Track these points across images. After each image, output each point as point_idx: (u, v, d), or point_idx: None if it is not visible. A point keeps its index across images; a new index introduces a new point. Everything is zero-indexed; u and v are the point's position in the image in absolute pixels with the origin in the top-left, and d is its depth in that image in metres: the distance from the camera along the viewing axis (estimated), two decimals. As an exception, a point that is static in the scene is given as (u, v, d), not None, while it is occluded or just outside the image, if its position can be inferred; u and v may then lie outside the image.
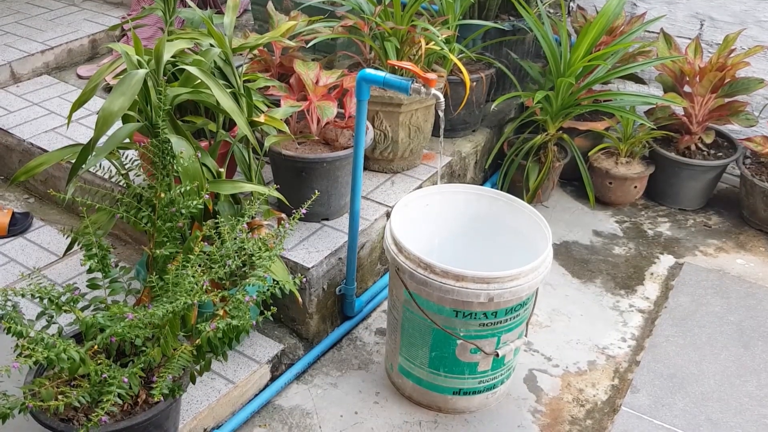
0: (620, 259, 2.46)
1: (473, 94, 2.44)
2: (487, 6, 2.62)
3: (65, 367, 1.29)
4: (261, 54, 2.19)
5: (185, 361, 1.40)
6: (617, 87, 2.92)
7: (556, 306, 2.24)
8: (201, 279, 1.40)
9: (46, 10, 3.31)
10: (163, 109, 1.50)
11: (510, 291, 1.63)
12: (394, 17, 2.19)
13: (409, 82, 1.67)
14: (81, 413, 1.40)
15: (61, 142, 2.43)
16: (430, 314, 1.71)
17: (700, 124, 2.61)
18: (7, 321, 1.32)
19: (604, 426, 1.83)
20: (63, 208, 2.44)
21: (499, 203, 1.90)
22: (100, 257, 1.49)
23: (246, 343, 1.92)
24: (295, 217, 1.53)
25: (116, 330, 1.34)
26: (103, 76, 1.70)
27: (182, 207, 1.49)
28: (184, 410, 1.69)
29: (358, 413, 1.85)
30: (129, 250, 2.28)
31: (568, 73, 2.39)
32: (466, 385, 1.81)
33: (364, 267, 2.14)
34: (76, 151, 1.65)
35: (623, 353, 2.07)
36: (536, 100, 2.40)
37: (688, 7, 2.80)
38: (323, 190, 1.97)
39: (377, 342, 2.08)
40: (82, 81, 2.88)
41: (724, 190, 2.86)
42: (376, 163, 2.33)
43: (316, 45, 2.28)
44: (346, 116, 2.05)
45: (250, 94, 1.85)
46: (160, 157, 1.50)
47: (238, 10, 1.96)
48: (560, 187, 2.83)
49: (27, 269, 2.09)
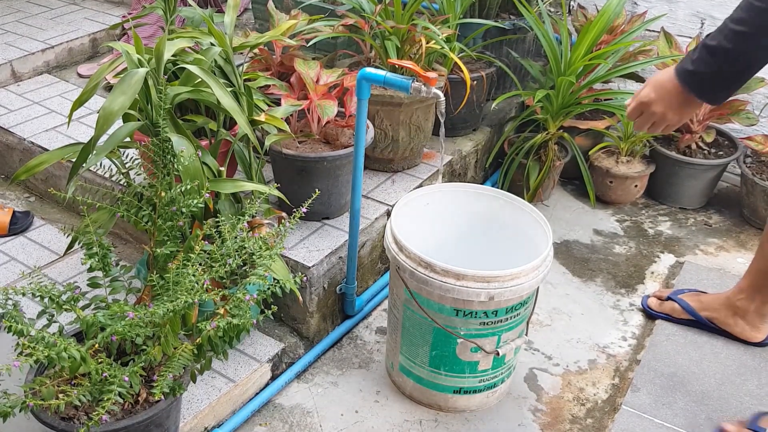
0: (621, 258, 2.46)
1: (474, 92, 2.44)
2: (488, 5, 2.62)
3: (66, 365, 1.29)
4: (261, 53, 2.19)
5: (186, 359, 1.40)
6: (618, 86, 2.92)
7: (556, 305, 2.24)
8: (201, 278, 1.40)
9: (47, 8, 3.31)
10: (164, 108, 1.50)
11: (510, 290, 1.63)
12: (394, 16, 2.19)
13: (409, 81, 1.67)
14: (82, 412, 1.40)
15: (61, 141, 2.43)
16: (431, 313, 1.71)
17: (701, 123, 2.61)
18: (8, 320, 1.32)
19: (604, 425, 1.83)
20: (63, 207, 2.44)
21: (499, 202, 1.90)
22: (100, 256, 1.49)
23: (246, 341, 1.92)
24: (296, 215, 1.53)
25: (117, 329, 1.34)
26: (103, 74, 1.70)
27: (183, 206, 1.49)
28: (185, 409, 1.69)
29: (358, 412, 1.85)
30: (129, 248, 2.28)
31: (568, 72, 2.39)
32: (466, 384, 1.81)
33: (364, 266, 2.14)
34: (76, 150, 1.65)
35: (624, 352, 2.07)
36: (537, 99, 2.40)
37: (689, 6, 2.79)
38: (324, 188, 1.97)
39: (378, 341, 2.08)
40: (82, 80, 2.88)
41: (725, 189, 2.86)
42: (377, 162, 2.33)
43: (316, 44, 2.28)
44: (347, 115, 2.05)
45: (251, 92, 1.85)
46: (160, 156, 1.50)
47: (238, 8, 1.97)
48: (561, 186, 2.83)
49: (28, 268, 2.10)
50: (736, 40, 1.35)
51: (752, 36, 1.34)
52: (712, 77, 1.42)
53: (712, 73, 1.41)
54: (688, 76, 1.44)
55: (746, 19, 1.34)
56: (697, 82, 1.43)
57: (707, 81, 1.43)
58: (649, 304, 2.17)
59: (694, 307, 2.06)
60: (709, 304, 2.04)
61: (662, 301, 2.14)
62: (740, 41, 1.35)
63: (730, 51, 1.36)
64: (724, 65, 1.39)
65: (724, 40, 1.36)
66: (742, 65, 1.39)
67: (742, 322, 1.99)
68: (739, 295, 1.98)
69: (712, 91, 1.44)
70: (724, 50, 1.37)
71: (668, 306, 2.12)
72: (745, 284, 1.96)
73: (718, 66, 1.39)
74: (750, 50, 1.37)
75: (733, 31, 1.35)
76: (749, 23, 1.33)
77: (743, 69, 1.40)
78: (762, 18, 1.32)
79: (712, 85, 1.43)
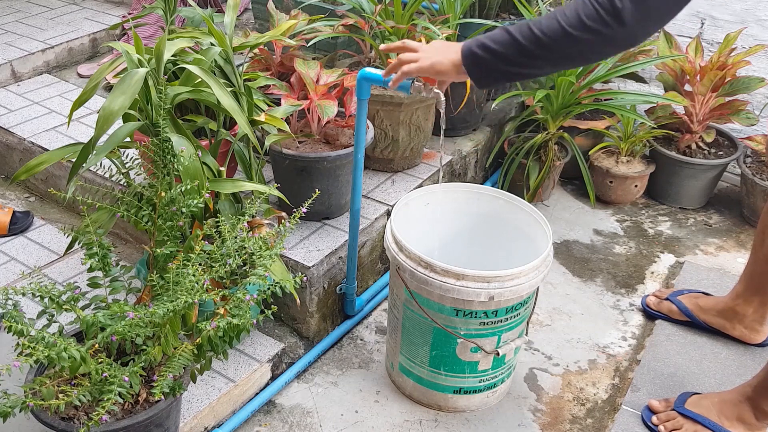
0: (621, 258, 2.46)
1: (474, 92, 2.44)
2: (488, 5, 2.62)
3: (66, 365, 1.29)
4: (261, 53, 2.19)
5: (186, 359, 1.40)
6: (618, 86, 2.92)
7: (556, 305, 2.24)
8: (201, 278, 1.40)
9: (47, 8, 3.31)
10: (164, 108, 1.50)
11: (511, 290, 1.63)
12: (394, 16, 2.19)
13: (409, 81, 1.67)
14: (82, 412, 1.40)
15: (61, 141, 2.43)
16: (431, 313, 1.71)
17: (701, 122, 2.61)
18: (8, 320, 1.32)
19: (604, 425, 1.83)
20: (64, 207, 2.44)
21: (499, 202, 1.90)
22: (100, 256, 1.49)
23: (246, 342, 1.92)
24: (296, 215, 1.53)
25: (117, 329, 1.34)
26: (103, 74, 1.70)
27: (183, 206, 1.49)
28: (185, 409, 1.69)
29: (358, 412, 1.85)
30: (130, 248, 2.28)
31: (568, 72, 2.39)
32: (466, 383, 1.81)
33: (364, 266, 2.14)
34: (76, 150, 1.65)
35: (624, 352, 2.07)
36: (537, 99, 2.40)
37: (689, 6, 2.76)
38: (324, 188, 1.97)
39: (378, 341, 2.08)
40: (82, 80, 2.88)
41: (725, 189, 2.86)
42: (377, 162, 2.33)
43: (316, 44, 2.28)
44: (347, 115, 2.05)
45: (251, 92, 1.85)
46: (160, 156, 1.50)
47: (238, 8, 1.96)
48: (561, 186, 2.83)
49: (28, 268, 2.10)
50: (529, 42, 1.34)
51: (542, 50, 1.34)
52: (492, 54, 1.39)
53: (493, 51, 1.38)
54: (475, 41, 1.41)
55: (552, 37, 1.32)
56: (475, 56, 1.41)
57: (486, 57, 1.40)
58: (647, 302, 2.17)
59: (692, 311, 2.05)
60: (707, 308, 2.03)
61: (661, 301, 2.14)
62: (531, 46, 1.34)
63: (525, 50, 1.35)
64: (511, 57, 1.36)
65: (519, 34, 1.34)
66: (525, 68, 1.39)
67: (740, 326, 1.98)
68: (736, 300, 1.97)
69: (485, 67, 1.42)
70: (520, 46, 1.35)
71: (666, 306, 2.12)
72: (741, 288, 1.96)
73: (503, 49, 1.37)
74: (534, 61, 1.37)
75: (530, 32, 1.33)
76: (552, 42, 1.32)
77: (525, 72, 1.41)
78: (565, 42, 1.32)
79: (488, 69, 1.41)
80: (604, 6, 1.25)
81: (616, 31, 1.26)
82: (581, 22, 1.27)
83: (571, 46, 1.32)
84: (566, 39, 1.30)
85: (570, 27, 1.29)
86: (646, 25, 1.28)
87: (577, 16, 1.28)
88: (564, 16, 1.30)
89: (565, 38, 1.30)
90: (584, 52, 1.34)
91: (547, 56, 1.35)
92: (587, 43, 1.30)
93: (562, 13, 1.30)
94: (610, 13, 1.25)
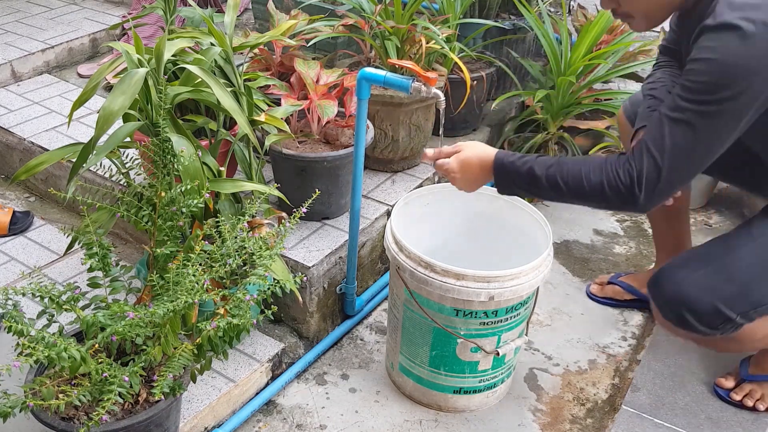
0: (621, 258, 2.46)
1: (474, 92, 2.44)
2: (488, 5, 2.63)
3: (66, 365, 1.29)
4: (261, 53, 2.19)
5: (186, 359, 1.40)
6: (618, 86, 2.92)
7: (556, 305, 2.24)
8: (202, 278, 1.40)
9: (47, 8, 3.31)
10: (164, 108, 1.50)
11: (511, 290, 1.63)
12: (394, 16, 2.19)
13: (409, 80, 1.67)
14: (82, 412, 1.40)
15: (61, 141, 2.43)
16: (431, 313, 1.71)
17: (701, 122, 2.61)
18: (8, 320, 1.32)
19: (604, 425, 1.83)
20: (64, 207, 2.44)
21: (499, 202, 1.90)
22: (100, 256, 1.49)
23: (246, 342, 1.92)
24: (296, 215, 1.53)
25: (117, 329, 1.34)
26: (103, 74, 1.70)
27: (183, 206, 1.49)
28: (185, 409, 1.69)
29: (358, 412, 1.85)
30: (130, 248, 2.28)
31: (568, 72, 2.39)
32: (466, 383, 1.81)
33: (364, 266, 2.14)
34: (76, 150, 1.65)
35: (624, 352, 2.07)
36: (537, 99, 2.40)
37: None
38: (324, 189, 1.97)
39: (378, 341, 2.08)
40: (82, 80, 2.88)
41: (725, 189, 2.85)
42: (377, 162, 2.33)
43: (316, 44, 2.28)
44: (347, 115, 2.05)
45: (251, 92, 1.85)
46: (160, 156, 1.50)
47: (238, 8, 1.97)
48: (561, 186, 2.83)
49: (28, 268, 2.10)
50: (551, 187, 1.50)
51: (563, 195, 1.51)
52: (519, 183, 1.56)
53: (520, 181, 1.55)
54: (504, 167, 1.56)
55: (571, 191, 1.49)
56: (504, 176, 1.56)
57: (513, 182, 1.56)
58: (591, 291, 2.26)
59: (635, 287, 2.16)
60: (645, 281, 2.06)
61: (603, 287, 2.24)
62: (553, 191, 1.51)
63: (542, 186, 1.51)
64: (532, 188, 1.54)
65: (545, 179, 1.50)
66: (545, 196, 1.55)
67: None
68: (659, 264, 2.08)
69: (510, 189, 1.60)
70: (538, 181, 1.51)
71: (610, 289, 2.22)
72: (658, 255, 2.13)
73: (528, 184, 1.54)
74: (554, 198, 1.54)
75: (555, 180, 1.49)
76: (570, 194, 1.49)
77: (543, 197, 1.56)
78: (581, 198, 1.50)
79: (512, 186, 1.58)
80: (626, 184, 1.42)
81: (628, 206, 1.45)
82: (602, 191, 1.44)
83: (585, 202, 1.51)
84: (583, 197, 1.49)
85: (590, 189, 1.46)
86: (656, 203, 1.45)
87: (600, 184, 1.44)
88: (589, 177, 1.46)
89: (582, 197, 1.49)
90: (594, 206, 1.54)
91: (562, 200, 1.53)
92: (599, 203, 1.49)
93: (588, 171, 1.46)
94: (629, 192, 1.42)
